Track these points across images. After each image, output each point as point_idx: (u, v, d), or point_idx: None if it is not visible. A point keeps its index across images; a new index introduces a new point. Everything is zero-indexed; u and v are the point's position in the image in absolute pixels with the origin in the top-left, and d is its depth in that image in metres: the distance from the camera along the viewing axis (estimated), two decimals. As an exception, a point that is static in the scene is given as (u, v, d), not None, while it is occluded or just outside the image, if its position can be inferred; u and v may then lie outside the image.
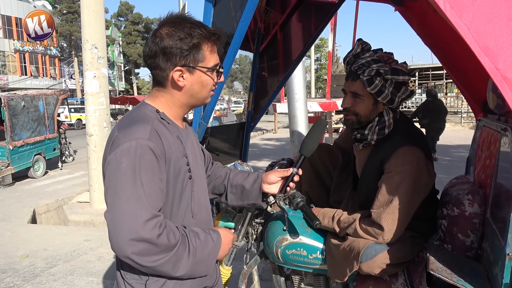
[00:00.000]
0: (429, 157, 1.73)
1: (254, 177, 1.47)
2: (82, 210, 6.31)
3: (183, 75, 1.16)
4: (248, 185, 1.45)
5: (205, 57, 1.17)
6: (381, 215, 1.62)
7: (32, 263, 4.26)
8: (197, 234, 1.16)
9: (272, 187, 1.46)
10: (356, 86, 1.73)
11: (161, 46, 1.13)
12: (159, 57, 1.14)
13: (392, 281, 1.69)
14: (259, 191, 1.45)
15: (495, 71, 1.07)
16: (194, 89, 1.19)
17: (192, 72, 1.17)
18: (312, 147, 1.46)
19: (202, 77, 1.18)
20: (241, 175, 1.48)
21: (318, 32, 2.74)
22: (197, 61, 1.16)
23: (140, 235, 1.01)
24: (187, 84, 1.17)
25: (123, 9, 47.05)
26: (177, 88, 1.18)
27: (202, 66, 1.17)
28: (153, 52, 1.15)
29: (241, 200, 1.48)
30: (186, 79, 1.17)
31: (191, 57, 1.15)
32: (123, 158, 1.06)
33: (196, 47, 1.14)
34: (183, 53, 1.13)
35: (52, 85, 35.21)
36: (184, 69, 1.15)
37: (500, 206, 1.50)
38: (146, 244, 1.02)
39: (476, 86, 2.17)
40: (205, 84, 1.20)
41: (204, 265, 1.16)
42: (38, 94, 9.56)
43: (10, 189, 8.34)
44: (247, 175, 1.48)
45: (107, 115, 6.12)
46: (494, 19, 1.06)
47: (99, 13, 5.91)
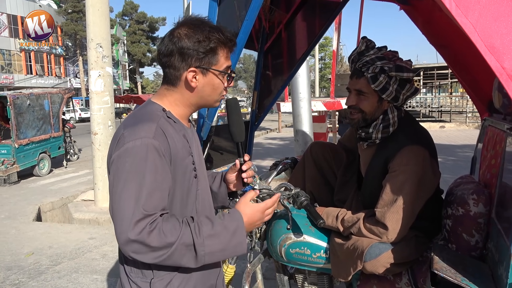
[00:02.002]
0: (434, 156, 1.72)
1: (219, 179, 1.48)
2: (87, 208, 6.34)
3: (196, 76, 1.18)
4: (215, 188, 1.46)
5: (219, 61, 1.19)
6: (385, 214, 1.62)
7: (37, 260, 4.30)
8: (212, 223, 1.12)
9: (236, 185, 1.46)
10: (361, 83, 1.73)
11: (178, 45, 1.15)
12: (175, 56, 1.16)
13: (396, 281, 1.69)
14: (226, 194, 1.47)
15: (501, 70, 1.07)
16: (205, 91, 1.21)
17: (205, 74, 1.18)
18: (241, 130, 1.38)
19: (214, 80, 1.20)
20: (210, 178, 1.47)
21: (322, 31, 2.74)
22: (211, 64, 1.18)
23: (129, 236, 1.02)
24: (199, 86, 1.19)
25: (128, 8, 47.17)
26: (189, 88, 1.20)
27: (215, 69, 1.19)
28: (169, 50, 1.16)
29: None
30: (199, 80, 1.19)
31: (206, 60, 1.17)
32: (127, 158, 1.07)
33: (212, 50, 1.16)
34: (199, 55, 1.15)
35: (57, 84, 35.40)
36: (198, 70, 1.17)
37: (505, 206, 1.49)
38: (138, 244, 1.03)
39: (482, 85, 2.16)
40: (216, 87, 1.22)
41: (228, 252, 1.14)
42: (43, 93, 9.62)
43: (16, 187, 8.40)
44: (214, 179, 1.48)
45: (111, 113, 6.14)
46: (500, 17, 1.06)
47: (104, 12, 5.93)
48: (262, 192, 1.40)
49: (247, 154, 1.40)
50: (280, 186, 1.55)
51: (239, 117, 1.38)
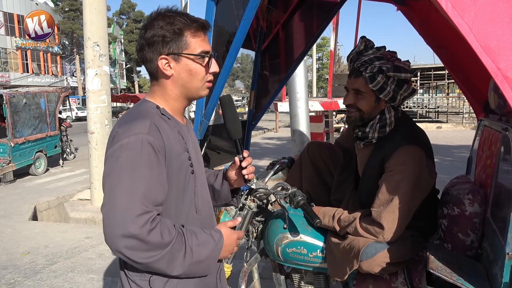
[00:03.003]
0: (431, 157, 1.73)
1: (221, 177, 1.47)
2: (83, 207, 6.32)
3: (170, 64, 1.16)
4: (218, 186, 1.46)
5: (189, 44, 1.16)
6: (382, 214, 1.62)
7: (33, 259, 4.28)
8: (196, 234, 1.13)
9: (238, 182, 1.45)
10: (359, 83, 1.74)
11: (145, 37, 1.15)
12: (145, 49, 1.16)
13: (392, 280, 1.69)
14: (228, 191, 1.46)
15: (497, 71, 1.07)
16: (182, 78, 1.18)
17: (178, 60, 1.16)
18: (237, 127, 1.38)
19: (190, 65, 1.17)
20: (212, 177, 1.48)
21: (320, 31, 2.74)
22: (180, 48, 1.15)
23: (129, 230, 1.00)
24: (174, 73, 1.17)
25: (125, 7, 47.06)
26: (165, 77, 1.18)
27: (187, 53, 1.16)
28: (140, 45, 1.17)
29: (214, 200, 1.48)
30: (173, 68, 1.17)
31: (174, 45, 1.15)
32: (121, 153, 1.06)
33: (176, 33, 1.14)
34: (165, 40, 1.14)
35: (54, 82, 35.25)
36: (169, 58, 1.15)
37: (500, 206, 1.50)
38: (136, 240, 1.01)
39: (478, 86, 2.17)
40: (194, 73, 1.18)
41: (204, 265, 1.14)
42: (39, 92, 9.57)
43: (11, 186, 8.36)
44: (216, 176, 1.48)
45: (108, 112, 6.13)
46: (496, 19, 1.07)
47: (101, 11, 5.91)
48: (259, 192, 1.41)
49: (246, 150, 1.39)
50: (277, 185, 1.56)
51: (234, 114, 1.37)
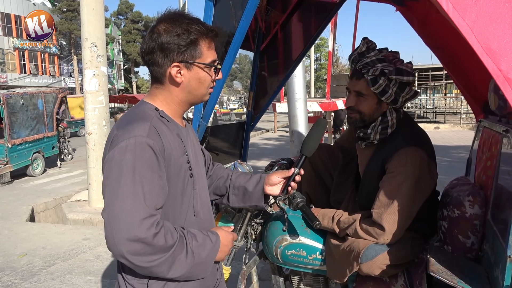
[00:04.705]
0: (432, 158, 1.72)
1: (257, 179, 1.46)
2: (81, 208, 6.29)
3: (181, 71, 1.16)
4: (251, 187, 1.45)
5: (203, 53, 1.17)
6: (382, 216, 1.61)
7: (30, 261, 4.25)
8: (195, 236, 1.13)
9: (274, 188, 1.45)
10: (360, 85, 1.72)
11: (158, 42, 1.13)
12: (156, 53, 1.14)
13: (392, 282, 1.68)
14: (262, 193, 1.44)
15: (498, 72, 1.07)
16: (191, 85, 1.19)
17: (190, 68, 1.16)
18: (313, 147, 1.47)
19: (199, 74, 1.18)
20: (243, 177, 1.48)
21: (318, 32, 2.74)
22: (194, 57, 1.16)
23: (136, 234, 0.99)
24: (184, 81, 1.17)
25: (123, 7, 46.97)
26: (174, 84, 1.18)
27: (199, 62, 1.17)
28: (151, 48, 1.15)
29: (243, 202, 1.47)
30: (184, 75, 1.17)
31: (189, 53, 1.15)
32: (121, 156, 1.05)
33: (193, 43, 1.14)
34: (181, 49, 1.13)
35: (51, 83, 35.12)
36: (181, 65, 1.15)
37: (501, 208, 1.49)
38: (141, 244, 1.00)
39: (477, 87, 2.17)
40: (203, 81, 1.19)
41: (202, 267, 1.14)
42: (37, 92, 9.54)
43: (9, 187, 8.32)
44: (249, 177, 1.47)
45: (106, 113, 6.11)
46: (497, 19, 1.06)
47: (98, 11, 5.89)
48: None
49: (303, 169, 1.47)
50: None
51: (319, 136, 1.49)
